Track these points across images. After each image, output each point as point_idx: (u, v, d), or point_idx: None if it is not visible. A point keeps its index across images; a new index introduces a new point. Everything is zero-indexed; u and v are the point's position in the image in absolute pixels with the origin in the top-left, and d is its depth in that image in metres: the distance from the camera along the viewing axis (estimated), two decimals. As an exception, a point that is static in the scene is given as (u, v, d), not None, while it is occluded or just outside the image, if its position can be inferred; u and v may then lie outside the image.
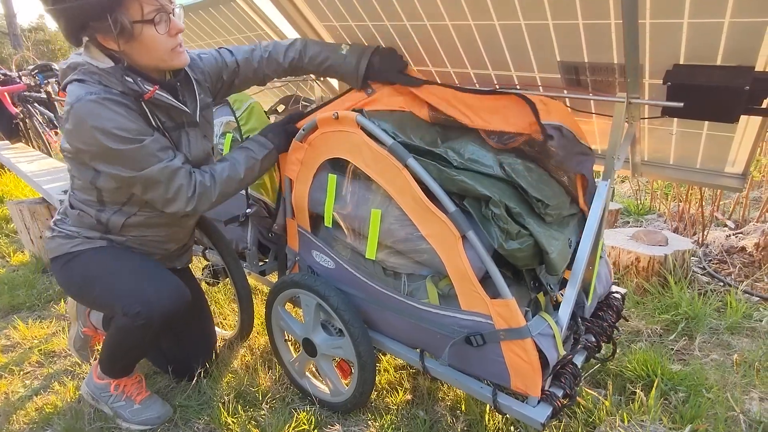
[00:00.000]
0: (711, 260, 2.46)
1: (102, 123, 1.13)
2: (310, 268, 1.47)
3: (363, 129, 1.20)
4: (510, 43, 1.20)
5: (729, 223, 2.81)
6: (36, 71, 3.63)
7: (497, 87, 1.33)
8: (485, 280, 1.11)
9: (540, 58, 1.21)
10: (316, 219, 1.44)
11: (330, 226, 1.35)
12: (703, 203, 2.63)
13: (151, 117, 1.23)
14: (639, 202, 3.35)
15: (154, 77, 1.24)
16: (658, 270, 2.11)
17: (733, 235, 2.61)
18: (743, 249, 2.47)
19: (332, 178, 1.32)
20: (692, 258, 2.38)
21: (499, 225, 1.02)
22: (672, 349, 1.76)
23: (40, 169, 3.08)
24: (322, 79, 1.76)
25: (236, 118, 1.67)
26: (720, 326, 1.88)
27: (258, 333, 1.85)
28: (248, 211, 1.63)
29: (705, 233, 2.63)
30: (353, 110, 1.25)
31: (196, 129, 1.36)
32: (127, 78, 1.17)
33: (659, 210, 3.24)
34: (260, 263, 1.76)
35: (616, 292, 1.52)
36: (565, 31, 1.08)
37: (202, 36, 1.94)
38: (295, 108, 1.95)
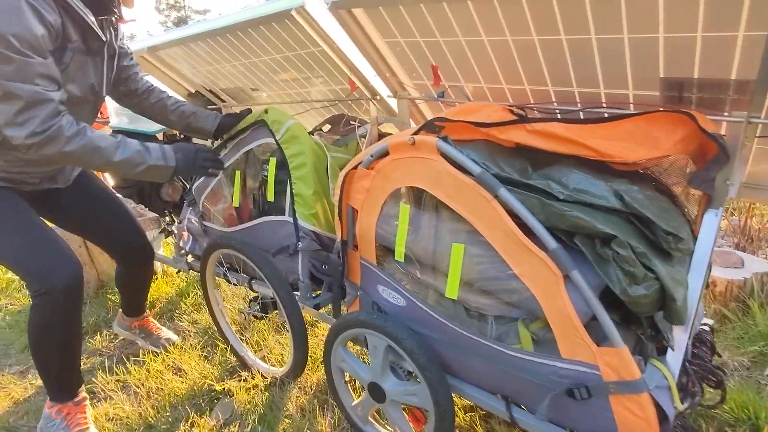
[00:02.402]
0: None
1: (5, 23, 1.08)
2: (375, 304, 1.39)
3: (444, 156, 1.12)
4: (606, 58, 1.12)
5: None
6: None
7: (604, 104, 1.24)
8: (588, 323, 1.01)
9: (638, 73, 1.12)
10: (383, 251, 1.35)
11: (402, 260, 1.27)
12: (775, 219, 2.49)
13: (61, 28, 1.20)
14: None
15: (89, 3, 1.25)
16: (737, 295, 1.98)
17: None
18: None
19: (405, 208, 1.24)
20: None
21: (623, 267, 0.92)
22: (765, 385, 1.63)
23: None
24: (378, 98, 1.69)
25: (277, 141, 1.59)
26: (818, 359, 1.74)
27: (309, 369, 1.77)
28: (299, 245, 1.55)
29: (778, 251, 2.48)
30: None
31: (101, 61, 1.39)
32: None
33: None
34: (314, 295, 1.68)
35: (705, 324, 1.41)
36: (679, 44, 0.99)
37: (247, 54, 1.88)
38: (348, 130, 1.88)
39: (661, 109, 1.17)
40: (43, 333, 1.37)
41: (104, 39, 1.35)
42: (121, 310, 2.08)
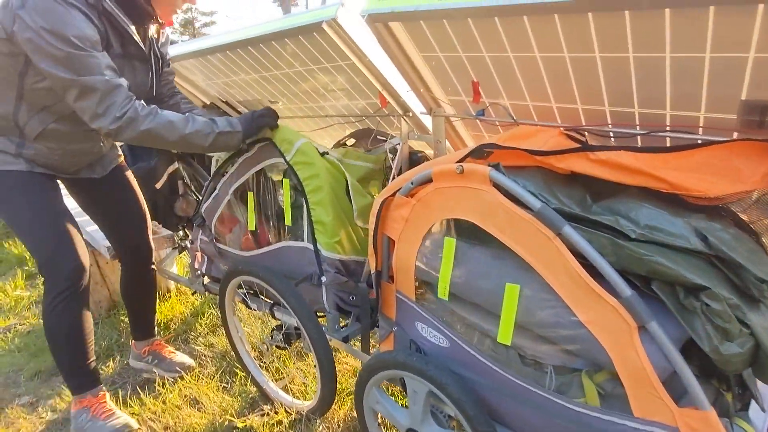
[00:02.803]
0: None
1: (61, 27, 1.21)
2: (413, 342, 1.28)
3: (497, 187, 1.01)
4: (679, 78, 1.00)
5: None
6: None
7: (668, 127, 1.12)
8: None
9: (715, 95, 1.01)
10: (422, 286, 1.25)
11: (446, 298, 1.16)
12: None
13: (105, 35, 1.33)
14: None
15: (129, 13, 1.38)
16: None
17: None
18: None
19: (450, 242, 1.13)
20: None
21: (715, 322, 0.81)
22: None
23: (73, 206, 2.98)
24: (410, 114, 1.58)
25: (288, 162, 1.48)
26: None
27: (336, 402, 1.66)
28: (324, 280, 1.45)
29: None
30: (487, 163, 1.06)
31: (146, 65, 1.52)
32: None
33: None
34: (341, 326, 1.58)
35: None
36: (771, 65, 0.88)
37: (268, 67, 1.78)
38: (376, 145, 1.78)
39: (736, 134, 1.06)
40: (53, 319, 1.49)
41: (144, 48, 1.47)
42: (132, 337, 2.01)
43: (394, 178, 1.58)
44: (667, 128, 1.15)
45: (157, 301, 2.07)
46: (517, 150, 1.06)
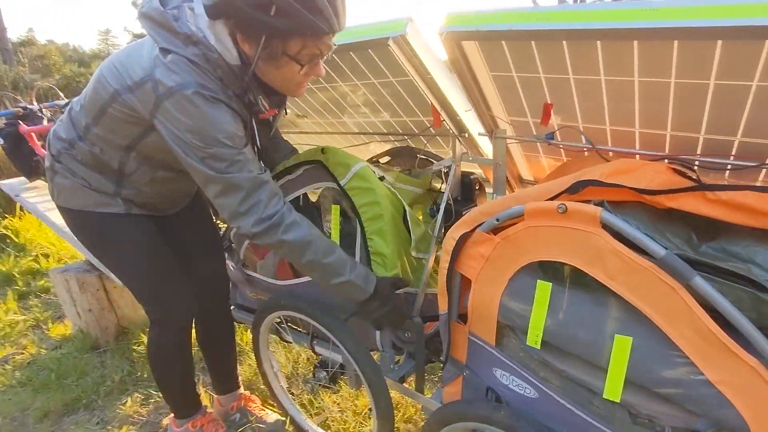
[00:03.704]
0: None
1: (209, 128, 1.10)
2: (490, 390, 1.18)
3: (607, 229, 0.92)
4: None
5: None
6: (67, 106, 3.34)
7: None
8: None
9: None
10: (502, 329, 1.15)
11: (537, 347, 1.06)
12: None
13: (250, 123, 1.22)
14: None
15: (268, 90, 1.22)
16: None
17: None
18: None
19: (544, 285, 1.03)
20: None
21: None
22: None
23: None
24: (466, 135, 1.48)
25: (342, 187, 1.37)
26: None
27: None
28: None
29: None
30: (593, 202, 0.96)
31: (267, 127, 1.38)
32: (249, 90, 1.16)
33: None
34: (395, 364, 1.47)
35: None
36: None
37: (335, 78, 1.62)
38: (410, 164, 1.67)
39: None
40: (164, 357, 1.50)
41: (271, 120, 1.35)
42: (214, 392, 1.80)
43: (449, 203, 1.47)
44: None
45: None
46: (625, 189, 0.96)
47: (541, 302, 1.04)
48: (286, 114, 1.48)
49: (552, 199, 1.02)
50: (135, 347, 2.23)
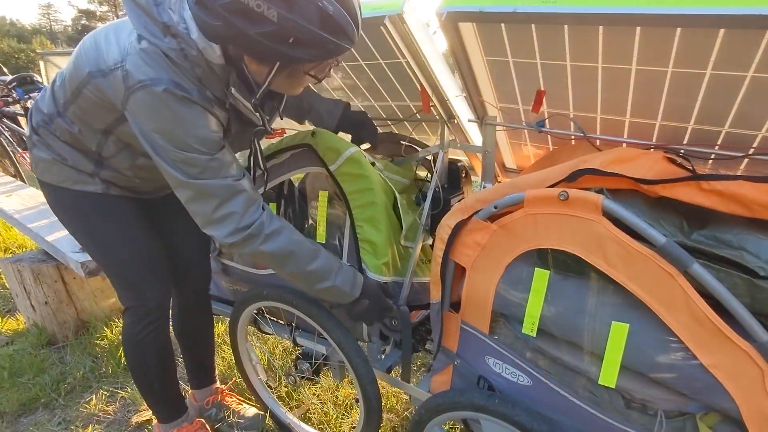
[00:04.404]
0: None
1: (180, 131, 1.02)
2: (482, 379, 1.18)
3: (608, 216, 0.92)
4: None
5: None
6: (14, 84, 3.09)
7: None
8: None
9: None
10: (497, 318, 1.14)
11: (533, 335, 1.06)
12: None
13: (228, 124, 1.13)
14: None
15: (254, 85, 1.08)
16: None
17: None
18: None
19: (541, 273, 1.03)
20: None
21: None
22: None
23: (27, 207, 2.60)
24: (455, 121, 1.46)
25: (331, 172, 1.32)
26: None
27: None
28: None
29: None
30: (593, 190, 0.96)
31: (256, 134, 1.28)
32: (233, 91, 1.06)
33: None
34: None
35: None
36: None
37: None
38: (394, 151, 1.63)
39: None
40: (138, 348, 1.39)
41: (259, 123, 1.21)
42: (189, 386, 1.72)
43: (438, 191, 1.46)
44: None
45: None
46: (624, 178, 0.97)
47: (538, 290, 1.04)
48: (282, 119, 1.38)
49: (551, 187, 1.02)
50: (98, 341, 2.11)
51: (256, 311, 1.58)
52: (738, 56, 0.91)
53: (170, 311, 1.43)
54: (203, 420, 1.57)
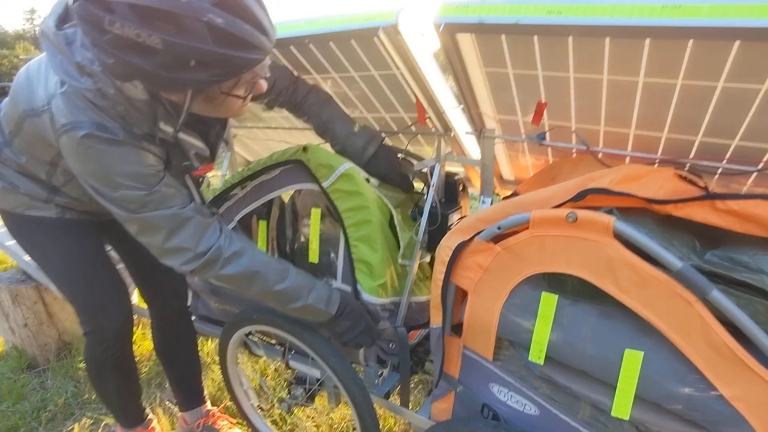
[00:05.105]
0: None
1: (108, 172, 0.98)
2: (487, 407, 1.12)
3: (619, 238, 0.87)
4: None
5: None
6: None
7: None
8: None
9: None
10: (501, 344, 1.09)
11: (540, 362, 1.00)
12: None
13: (167, 158, 1.08)
14: None
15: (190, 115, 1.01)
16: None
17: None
18: None
19: (549, 298, 0.98)
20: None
21: None
22: None
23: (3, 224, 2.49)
24: (451, 134, 1.41)
25: (324, 189, 1.26)
26: None
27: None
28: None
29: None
30: (603, 210, 0.91)
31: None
32: (162, 125, 1.00)
33: None
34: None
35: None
36: None
37: (308, 69, 1.48)
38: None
39: None
40: (97, 369, 1.39)
41: (206, 153, 1.16)
42: (178, 409, 1.66)
43: (435, 206, 1.40)
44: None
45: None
46: (634, 198, 0.92)
47: (545, 316, 0.99)
48: (227, 144, 1.33)
49: (558, 206, 0.97)
50: (80, 364, 2.02)
51: (247, 333, 1.51)
52: (754, 68, 0.86)
53: (129, 337, 1.40)
54: (153, 419, 1.58)
